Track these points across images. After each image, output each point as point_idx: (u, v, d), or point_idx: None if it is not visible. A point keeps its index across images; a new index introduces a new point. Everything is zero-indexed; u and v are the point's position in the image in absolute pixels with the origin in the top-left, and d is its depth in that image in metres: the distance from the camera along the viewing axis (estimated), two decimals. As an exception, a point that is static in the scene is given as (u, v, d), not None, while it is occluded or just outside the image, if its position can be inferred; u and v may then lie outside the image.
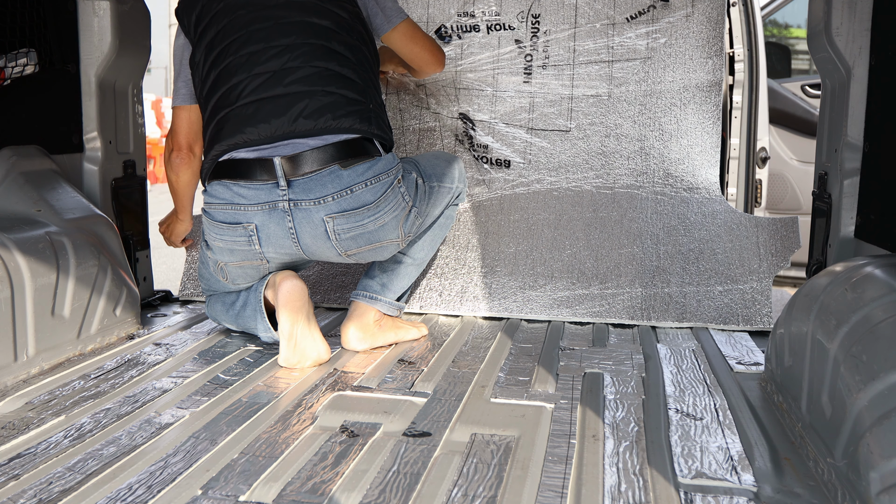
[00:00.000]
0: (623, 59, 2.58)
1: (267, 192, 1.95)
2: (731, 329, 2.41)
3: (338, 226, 1.96)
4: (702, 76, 2.56)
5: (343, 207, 1.95)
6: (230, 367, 2.01)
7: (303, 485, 1.36)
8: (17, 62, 2.18)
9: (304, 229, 1.97)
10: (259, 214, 1.96)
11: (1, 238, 1.92)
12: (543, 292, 2.51)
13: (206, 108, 2.05)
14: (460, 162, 2.36)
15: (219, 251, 2.05)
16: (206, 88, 2.04)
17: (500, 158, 2.63)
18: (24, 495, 1.32)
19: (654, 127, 2.57)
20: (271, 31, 2.00)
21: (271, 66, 1.98)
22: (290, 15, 2.01)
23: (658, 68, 2.57)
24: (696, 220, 2.49)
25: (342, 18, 2.05)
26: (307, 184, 1.94)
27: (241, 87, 1.98)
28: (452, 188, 2.29)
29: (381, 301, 2.20)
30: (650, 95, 2.57)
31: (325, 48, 2.00)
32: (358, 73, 2.03)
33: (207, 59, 2.04)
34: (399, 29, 2.19)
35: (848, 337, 1.39)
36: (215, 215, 2.01)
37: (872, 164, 1.95)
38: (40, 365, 1.97)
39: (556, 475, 1.39)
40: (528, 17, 2.60)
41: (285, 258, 2.06)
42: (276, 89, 1.96)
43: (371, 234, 2.01)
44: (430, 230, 2.27)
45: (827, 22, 2.10)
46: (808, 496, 1.33)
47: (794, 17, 7.38)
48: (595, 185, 2.58)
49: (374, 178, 1.97)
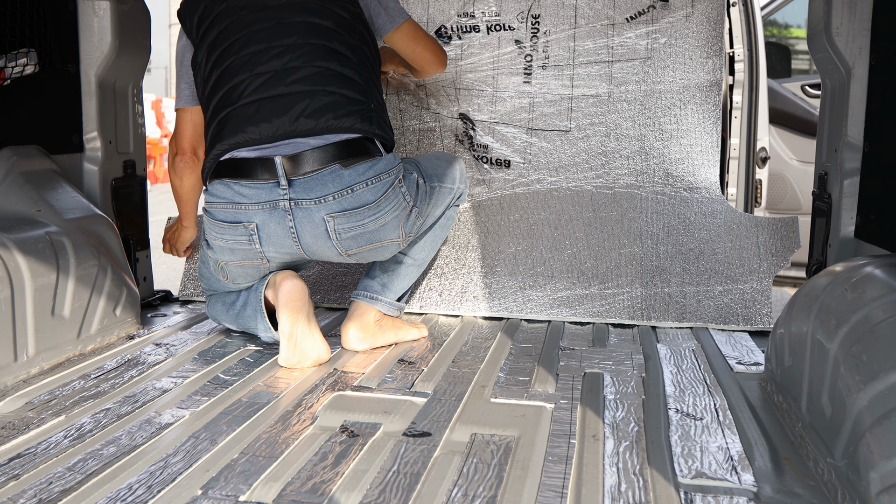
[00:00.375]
0: (623, 59, 2.58)
1: (268, 191, 1.95)
2: (731, 329, 2.41)
3: (338, 225, 1.96)
4: (702, 76, 2.56)
5: (344, 207, 1.96)
6: (230, 367, 2.01)
7: (303, 485, 1.36)
8: (17, 62, 2.18)
9: (305, 228, 1.97)
10: (260, 213, 1.96)
11: (1, 238, 1.92)
12: (543, 292, 2.51)
13: (208, 107, 2.05)
14: (461, 162, 2.37)
15: (219, 250, 2.05)
16: (208, 88, 2.04)
17: (501, 158, 2.63)
18: (24, 495, 1.32)
19: (654, 127, 2.57)
20: (273, 31, 2.00)
21: (273, 65, 1.98)
22: (291, 15, 2.02)
23: (658, 68, 2.57)
24: (697, 220, 2.49)
25: (343, 19, 2.05)
26: (308, 183, 1.94)
27: (243, 87, 1.98)
28: (453, 189, 2.29)
29: (382, 301, 2.20)
30: (650, 95, 2.57)
31: (327, 48, 2.00)
32: (359, 72, 2.03)
33: (209, 60, 2.04)
34: (401, 29, 2.19)
35: (848, 337, 1.39)
36: (216, 214, 2.01)
37: (872, 164, 1.95)
38: (40, 365, 1.97)
39: (556, 475, 1.39)
40: (528, 17, 2.60)
41: (286, 258, 2.06)
42: (277, 89, 1.96)
43: (372, 234, 2.01)
44: (430, 230, 2.27)
45: (827, 22, 2.10)
46: (808, 496, 1.33)
47: (794, 17, 7.38)
48: (595, 184, 2.58)
49: (375, 177, 1.97)
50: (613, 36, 2.58)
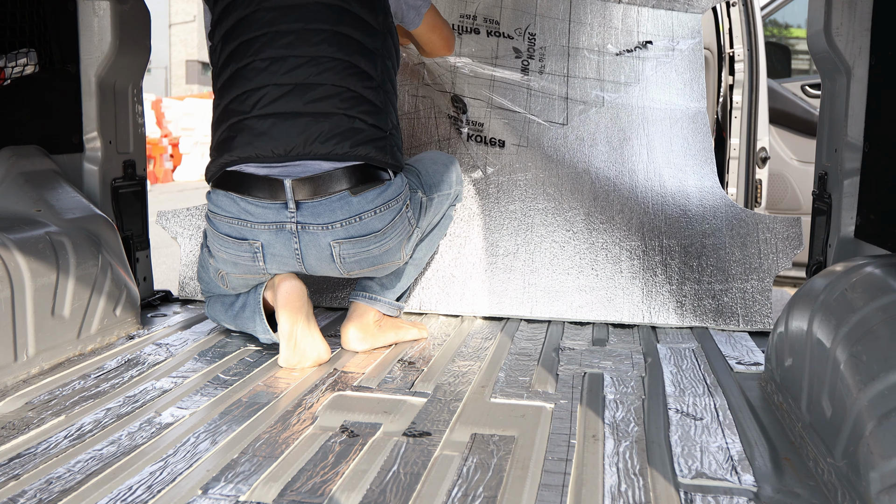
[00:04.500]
0: (623, 52, 2.59)
1: (275, 212, 1.91)
2: (731, 329, 2.41)
3: (344, 251, 1.95)
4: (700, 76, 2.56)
5: (350, 234, 1.93)
6: (230, 367, 2.01)
7: (303, 485, 1.36)
8: (17, 62, 2.18)
9: (310, 252, 1.95)
10: (265, 233, 1.93)
11: (1, 238, 1.92)
12: (543, 292, 2.51)
13: (219, 104, 1.99)
14: (457, 164, 2.36)
15: (222, 261, 2.04)
16: (220, 83, 1.98)
17: (495, 138, 2.62)
18: (24, 495, 1.32)
19: (655, 126, 2.56)
20: (297, 38, 1.92)
21: (293, 77, 1.90)
22: (318, 19, 1.93)
23: (657, 67, 2.57)
24: (697, 218, 2.49)
25: (372, 28, 1.97)
26: (316, 208, 1.91)
27: (259, 96, 1.91)
28: (451, 193, 2.28)
29: (381, 301, 2.20)
30: (651, 92, 2.57)
31: (350, 65, 1.93)
32: (378, 94, 1.97)
33: (224, 50, 1.97)
34: (425, 21, 2.19)
35: (848, 337, 1.39)
36: (220, 227, 1.98)
37: (872, 164, 1.95)
38: (40, 365, 1.97)
39: (556, 475, 1.39)
40: (525, 33, 2.61)
41: (286, 270, 2.05)
42: (295, 105, 1.90)
43: (375, 258, 2.00)
44: (430, 233, 2.27)
45: (827, 22, 2.10)
46: (808, 496, 1.33)
47: (794, 17, 7.38)
48: (595, 184, 2.57)
49: (384, 205, 1.94)
50: (604, 57, 2.59)
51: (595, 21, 2.56)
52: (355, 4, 1.96)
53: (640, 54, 2.55)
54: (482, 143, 2.62)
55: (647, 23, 2.54)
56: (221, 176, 1.97)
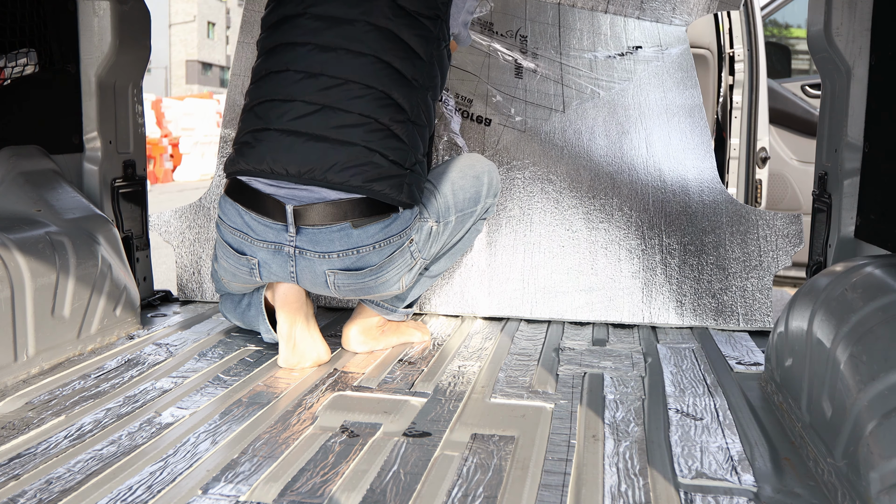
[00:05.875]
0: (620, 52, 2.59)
1: (276, 232, 1.90)
2: (731, 329, 2.41)
3: (339, 280, 1.94)
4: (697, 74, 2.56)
5: (346, 266, 1.91)
6: (230, 367, 2.01)
7: (303, 485, 1.36)
8: (17, 62, 2.18)
9: (305, 276, 1.94)
10: (263, 251, 1.92)
11: (1, 238, 1.92)
12: (543, 292, 2.51)
13: (250, 102, 1.95)
14: (493, 172, 2.23)
15: (222, 268, 2.05)
16: (253, 82, 1.96)
17: (481, 115, 2.61)
18: (24, 495, 1.32)
19: (654, 124, 2.56)
20: (336, 57, 1.86)
21: (323, 98, 1.85)
22: (361, 40, 1.86)
23: (656, 67, 2.57)
24: (697, 214, 2.48)
25: (418, 59, 1.90)
26: (316, 236, 1.88)
27: (286, 109, 1.87)
28: (477, 210, 2.18)
29: (389, 309, 2.18)
30: (649, 88, 2.57)
31: (383, 95, 1.86)
32: (407, 127, 1.89)
33: (266, 44, 1.94)
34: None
35: (848, 337, 1.39)
36: (224, 235, 1.98)
37: (872, 164, 1.95)
38: (40, 365, 1.97)
39: (556, 475, 1.39)
40: (517, 35, 2.61)
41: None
42: (318, 128, 1.84)
43: (371, 289, 1.99)
44: (451, 249, 2.21)
45: (827, 22, 2.10)
46: (808, 496, 1.33)
47: (794, 17, 7.37)
48: (594, 181, 2.57)
49: (385, 240, 1.89)
50: (597, 59, 2.59)
51: (584, 27, 2.57)
52: (407, 31, 1.88)
53: (631, 57, 2.56)
54: (469, 118, 2.60)
55: (635, 31, 2.55)
56: (232, 183, 1.96)
